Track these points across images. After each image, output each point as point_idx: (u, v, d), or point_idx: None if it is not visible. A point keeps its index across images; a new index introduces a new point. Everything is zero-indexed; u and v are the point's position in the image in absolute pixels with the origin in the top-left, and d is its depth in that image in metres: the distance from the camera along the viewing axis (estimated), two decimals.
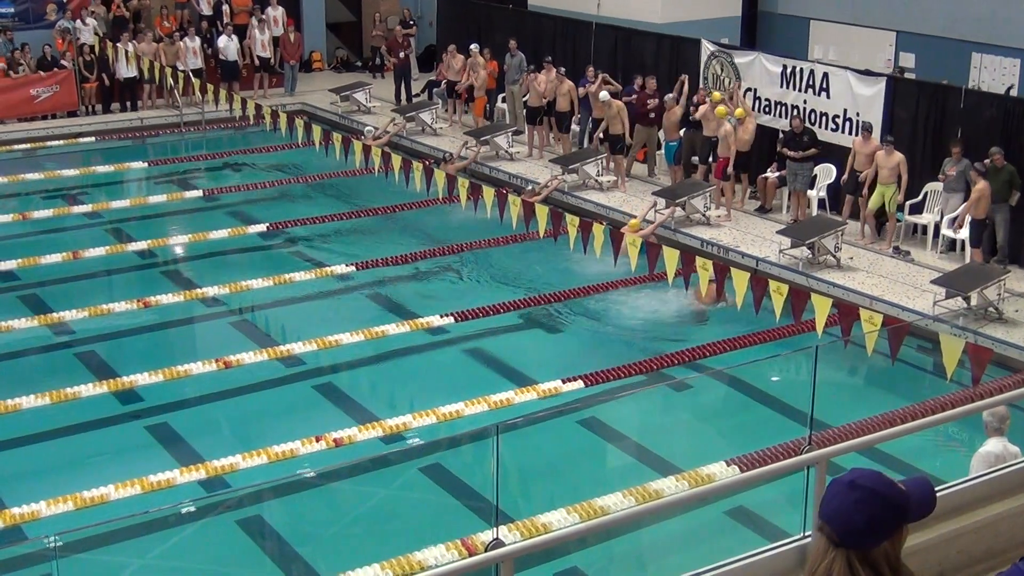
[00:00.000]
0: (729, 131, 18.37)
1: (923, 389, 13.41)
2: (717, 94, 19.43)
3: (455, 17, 26.89)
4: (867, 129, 17.33)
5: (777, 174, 18.58)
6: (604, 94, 20.04)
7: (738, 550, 5.82)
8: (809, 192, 18.14)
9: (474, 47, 23.73)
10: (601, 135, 20.40)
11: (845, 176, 17.49)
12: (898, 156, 16.59)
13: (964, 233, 16.15)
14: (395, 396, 13.37)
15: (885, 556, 3.32)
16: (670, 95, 19.88)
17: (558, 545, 8.41)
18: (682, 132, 19.84)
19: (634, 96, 20.28)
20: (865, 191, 16.96)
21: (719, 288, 14.77)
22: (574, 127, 22.15)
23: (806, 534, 5.86)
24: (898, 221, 16.98)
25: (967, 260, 15.85)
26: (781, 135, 18.72)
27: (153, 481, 10.84)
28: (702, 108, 19.12)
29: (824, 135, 18.29)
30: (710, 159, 19.13)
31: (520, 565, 5.05)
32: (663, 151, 20.58)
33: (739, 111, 18.72)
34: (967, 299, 14.34)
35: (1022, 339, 13.62)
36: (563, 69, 21.72)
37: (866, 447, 8.84)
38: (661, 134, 20.42)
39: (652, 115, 20.06)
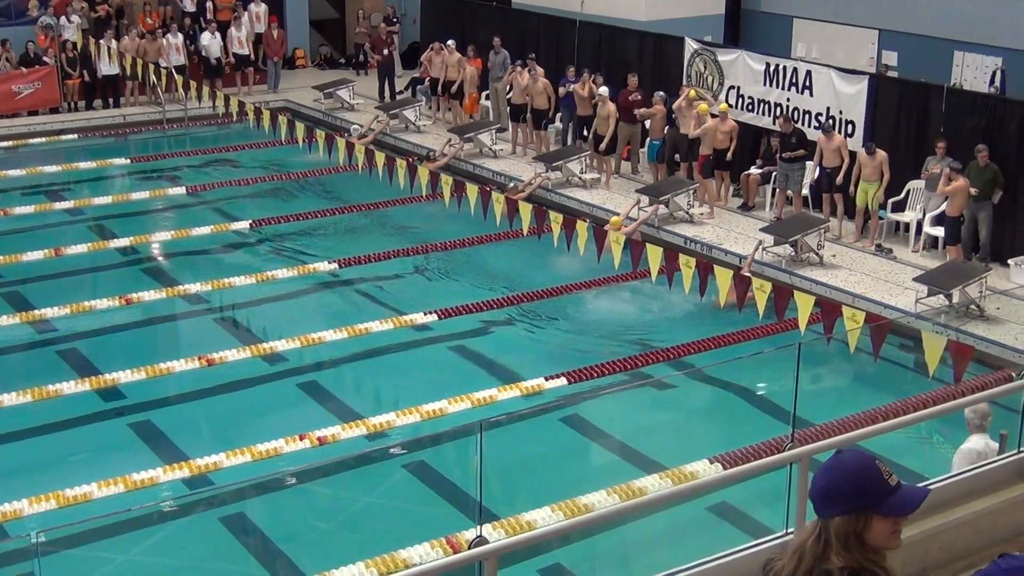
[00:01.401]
0: (711, 127, 18.40)
1: (905, 386, 13.45)
2: (693, 91, 19.44)
3: (439, 14, 26.88)
4: (828, 129, 17.45)
5: (760, 171, 18.62)
6: (604, 89, 20.02)
7: (721, 547, 5.86)
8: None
9: (451, 43, 23.68)
10: (585, 133, 20.44)
11: (815, 176, 17.62)
12: (881, 155, 16.65)
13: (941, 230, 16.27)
14: (379, 394, 13.37)
15: (844, 536, 3.35)
16: (660, 92, 19.86)
17: (542, 542, 8.42)
18: (666, 130, 19.88)
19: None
20: (850, 188, 17.00)
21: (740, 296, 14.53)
22: (557, 124, 22.17)
23: (789, 531, 5.89)
24: (880, 219, 17.03)
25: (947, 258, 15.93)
26: (768, 140, 18.74)
27: (136, 479, 10.80)
28: (676, 103, 19.17)
29: (807, 133, 18.32)
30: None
31: (504, 562, 5.06)
32: (645, 148, 20.60)
33: (723, 106, 18.82)
34: (949, 297, 14.40)
35: (1003, 336, 13.69)
36: (540, 70, 21.62)
37: (848, 444, 8.86)
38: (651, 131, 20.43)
39: (635, 112, 20.07)
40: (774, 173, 18.31)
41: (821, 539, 3.38)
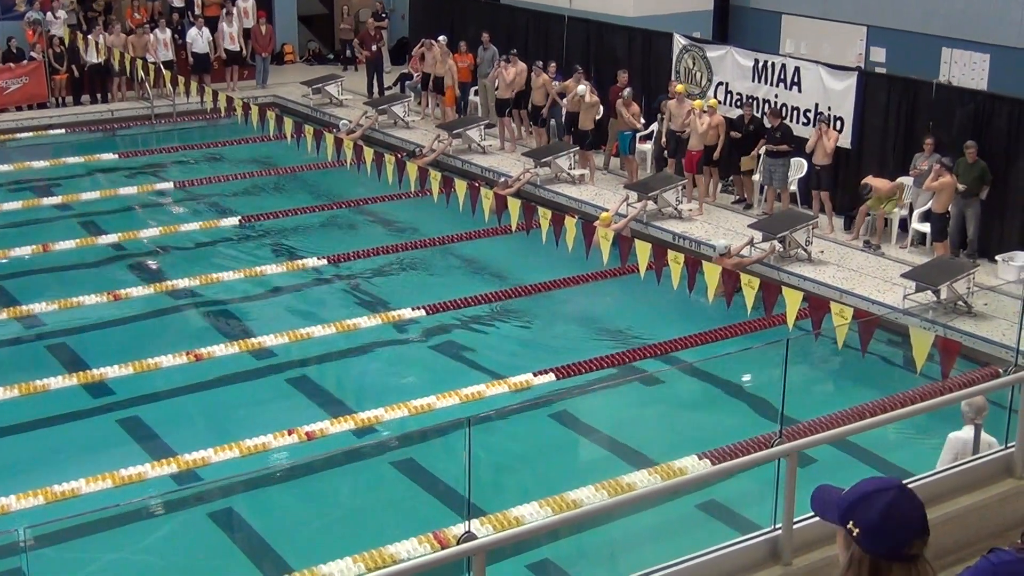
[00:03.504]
0: (705, 122, 18.41)
1: (893, 382, 13.48)
2: (681, 87, 19.44)
3: (427, 10, 26.85)
4: (825, 122, 17.49)
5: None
6: (582, 87, 20.03)
7: (710, 542, 5.87)
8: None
9: (442, 38, 23.65)
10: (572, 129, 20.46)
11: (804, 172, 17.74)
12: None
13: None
14: (367, 389, 13.35)
15: None
16: (628, 89, 19.83)
17: (530, 538, 8.43)
18: (653, 127, 19.89)
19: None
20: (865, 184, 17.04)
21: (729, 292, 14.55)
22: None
23: (776, 526, 5.90)
24: (868, 215, 17.03)
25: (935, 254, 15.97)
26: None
27: (124, 475, 10.79)
28: (670, 102, 19.17)
29: (795, 129, 18.34)
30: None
31: (492, 558, 5.06)
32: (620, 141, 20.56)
33: (713, 101, 18.83)
34: (936, 293, 14.43)
35: (991, 332, 13.72)
36: (540, 63, 21.63)
37: (836, 440, 8.90)
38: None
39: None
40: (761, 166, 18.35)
41: None
